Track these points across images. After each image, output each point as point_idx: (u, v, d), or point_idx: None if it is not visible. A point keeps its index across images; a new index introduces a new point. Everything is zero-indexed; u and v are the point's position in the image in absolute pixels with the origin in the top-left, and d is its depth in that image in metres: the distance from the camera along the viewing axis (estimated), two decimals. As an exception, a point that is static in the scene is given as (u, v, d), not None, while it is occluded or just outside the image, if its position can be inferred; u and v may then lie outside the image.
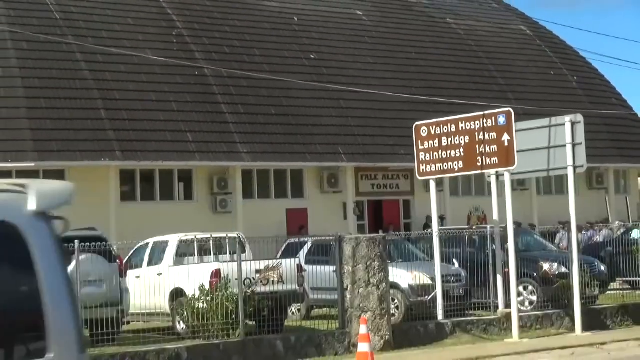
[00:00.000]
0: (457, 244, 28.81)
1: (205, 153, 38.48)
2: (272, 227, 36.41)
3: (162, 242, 26.91)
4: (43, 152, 35.43)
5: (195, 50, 40.64)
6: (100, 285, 22.56)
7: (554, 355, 23.14)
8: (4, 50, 35.91)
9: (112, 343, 22.01)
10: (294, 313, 26.54)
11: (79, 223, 28.48)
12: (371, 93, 41.79)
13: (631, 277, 31.04)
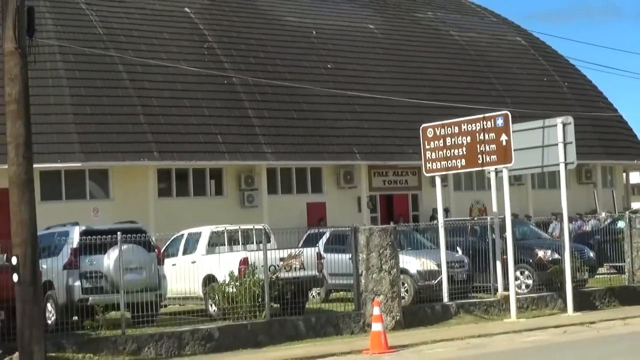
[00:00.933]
0: (460, 233, 28.78)
1: (234, 153, 38.57)
2: (294, 219, 36.52)
3: (195, 233, 26.97)
4: (88, 154, 35.57)
5: (225, 61, 40.72)
6: (140, 272, 22.63)
7: (548, 333, 23.12)
8: (53, 62, 36.03)
9: (152, 324, 22.10)
10: (314, 296, 26.57)
11: (122, 217, 28.88)
12: (382, 98, 41.78)
13: (617, 262, 31.00)
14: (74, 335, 20.97)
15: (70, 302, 22.14)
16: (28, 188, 19.19)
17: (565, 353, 19.64)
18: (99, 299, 22.12)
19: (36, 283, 19.06)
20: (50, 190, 34.34)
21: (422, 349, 21.00)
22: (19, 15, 19.11)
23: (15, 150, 19.13)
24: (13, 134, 19.20)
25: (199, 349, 21.35)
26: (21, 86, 19.18)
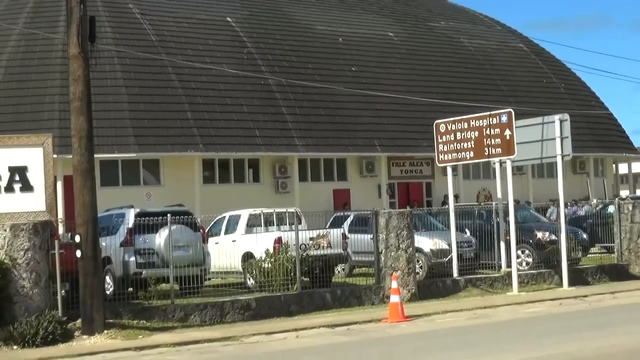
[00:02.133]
0: (468, 217, 28.77)
1: (269, 145, 38.64)
2: (321, 204, 36.60)
3: (235, 215, 27.03)
4: (142, 145, 35.74)
5: (261, 65, 40.76)
6: (187, 249, 22.69)
7: (545, 305, 23.07)
8: (111, 65, 36.17)
9: (197, 295, 22.17)
10: (339, 271, 26.58)
11: (171, 201, 28.98)
12: (400, 97, 41.74)
13: (607, 243, 30.94)
14: (129, 304, 21.08)
15: (126, 275, 22.28)
16: (89, 175, 19.32)
17: (561, 322, 19.57)
18: (151, 272, 22.23)
19: (97, 258, 19.19)
20: (109, 177, 34.55)
21: (434, 319, 21.02)
22: (82, 24, 19.22)
23: (79, 142, 19.26)
24: (77, 128, 19.33)
25: (238, 317, 21.41)
26: (83, 86, 19.29)
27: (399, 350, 16.43)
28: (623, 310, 21.31)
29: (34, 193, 19.34)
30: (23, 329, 18.05)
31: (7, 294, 18.55)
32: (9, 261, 18.60)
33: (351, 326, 20.08)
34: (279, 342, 18.40)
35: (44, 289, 18.91)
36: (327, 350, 16.91)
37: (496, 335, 18.09)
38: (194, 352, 17.41)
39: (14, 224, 18.86)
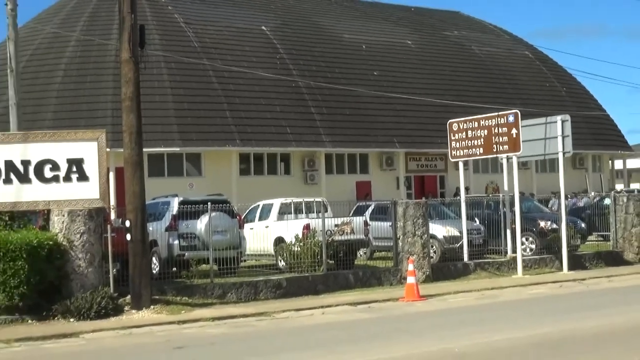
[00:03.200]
0: (477, 207, 28.69)
1: (299, 141, 38.69)
2: (346, 194, 36.59)
3: (268, 204, 27.05)
4: (185, 140, 35.88)
5: (292, 69, 40.78)
6: (225, 234, 22.75)
7: (547, 287, 22.97)
8: (158, 68, 36.31)
9: (233, 275, 22.23)
10: (361, 255, 26.52)
11: (211, 190, 29.06)
12: (416, 99, 41.74)
13: (603, 232, 30.75)
14: (173, 282, 21.16)
15: (171, 257, 22.40)
16: (139, 167, 19.38)
17: (561, 303, 19.50)
18: (192, 254, 22.30)
19: (144, 241, 19.26)
20: (156, 169, 34.70)
21: (446, 298, 20.96)
22: (133, 32, 19.27)
23: (129, 137, 19.32)
24: (127, 125, 19.38)
25: (270, 295, 21.44)
26: (134, 87, 19.34)
27: (415, 326, 16.41)
28: (618, 293, 21.19)
29: (89, 182, 19.41)
30: (79, 304, 18.16)
31: (64, 272, 18.66)
32: (66, 243, 18.70)
33: (372, 304, 20.07)
34: (306, 317, 18.43)
35: (97, 268, 19.01)
36: (350, 325, 16.91)
37: (503, 313, 18.03)
38: (230, 325, 17.46)
39: (71, 210, 18.96)
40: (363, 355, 12.83)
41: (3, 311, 17.91)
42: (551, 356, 12.23)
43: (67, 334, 16.54)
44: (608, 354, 12.32)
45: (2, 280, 17.80)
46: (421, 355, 12.68)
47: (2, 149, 19.23)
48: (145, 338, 16.09)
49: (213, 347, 14.84)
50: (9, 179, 19.08)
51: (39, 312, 18.20)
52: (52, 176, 19.26)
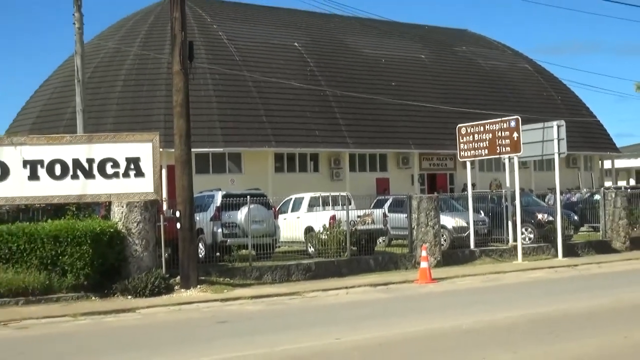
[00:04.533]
0: (482, 201, 28.63)
1: (326, 143, 38.71)
2: (367, 189, 36.53)
3: (300, 197, 27.09)
4: (228, 142, 36.00)
5: (321, 80, 40.77)
6: (262, 223, 22.80)
7: (544, 271, 22.86)
8: (204, 79, 36.44)
9: (269, 259, 22.29)
10: (380, 243, 26.50)
11: (249, 185, 29.16)
12: (429, 106, 41.62)
13: (594, 223, 30.56)
14: (217, 265, 21.26)
15: (215, 243, 22.48)
16: (187, 165, 19.49)
17: (557, 285, 19.39)
18: (234, 241, 22.38)
19: (192, 229, 19.37)
20: (202, 167, 34.82)
21: (455, 281, 20.91)
22: (183, 47, 19.36)
23: (179, 139, 19.42)
24: (178, 128, 19.49)
25: (301, 277, 21.49)
26: (183, 95, 19.44)
27: (427, 305, 16.39)
28: (606, 277, 21.05)
29: (145, 178, 19.53)
30: (135, 283, 18.29)
31: (123, 256, 18.81)
32: (125, 230, 18.85)
33: (389, 285, 20.08)
34: (332, 297, 18.46)
35: (151, 252, 19.14)
36: (371, 304, 16.92)
37: (505, 295, 17.96)
38: (266, 303, 17.52)
39: (129, 202, 19.10)
40: (382, 330, 12.83)
41: (70, 289, 18.09)
42: (547, 332, 12.17)
43: (125, 309, 16.70)
44: (598, 330, 12.24)
45: (70, 263, 17.98)
46: (433, 331, 12.66)
47: (70, 149, 19.41)
48: (193, 313, 16.19)
49: (251, 321, 14.91)
50: (76, 174, 19.25)
51: (101, 290, 18.37)
52: (113, 172, 19.41)
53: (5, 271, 17.56)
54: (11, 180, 18.98)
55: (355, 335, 12.36)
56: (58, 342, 13.28)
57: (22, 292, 17.38)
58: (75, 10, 23.65)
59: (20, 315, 15.93)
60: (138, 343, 12.80)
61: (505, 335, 12.09)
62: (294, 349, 11.29)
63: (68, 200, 19.39)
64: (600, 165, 52.45)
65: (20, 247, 17.85)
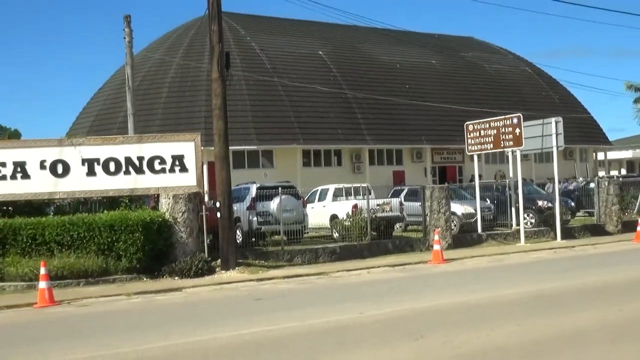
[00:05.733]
0: (488, 190, 28.46)
1: (348, 140, 38.71)
2: (385, 181, 36.51)
3: (325, 188, 27.13)
4: (261, 140, 36.11)
5: (343, 84, 40.72)
6: (292, 212, 22.88)
7: (544, 252, 22.69)
8: (239, 85, 36.50)
9: (299, 243, 22.37)
10: (397, 228, 26.49)
11: (280, 178, 29.23)
12: (440, 106, 41.42)
13: (589, 209, 30.30)
14: (253, 249, 21.36)
15: (250, 230, 22.60)
16: (226, 161, 19.57)
17: (556, 265, 19.23)
18: (267, 228, 22.49)
19: (231, 218, 19.47)
20: (238, 162, 34.97)
21: (464, 261, 20.82)
22: (221, 57, 19.43)
23: (218, 138, 19.50)
24: (217, 128, 19.57)
25: (327, 259, 21.54)
26: (221, 99, 19.52)
27: (439, 283, 16.35)
28: (601, 257, 20.83)
29: (188, 173, 19.66)
30: (181, 266, 18.43)
31: (170, 242, 18.96)
32: (172, 219, 18.98)
33: (405, 266, 20.04)
34: (355, 276, 18.47)
35: (195, 238, 19.27)
36: (389, 282, 16.90)
37: (509, 273, 17.85)
38: (297, 282, 17.57)
39: (175, 194, 19.23)
40: (400, 305, 12.82)
41: (124, 272, 18.26)
42: (548, 306, 12.10)
43: (172, 289, 16.83)
44: (594, 304, 12.15)
45: (124, 248, 18.15)
46: (444, 305, 12.63)
47: (123, 148, 19.57)
48: (232, 292, 16.28)
49: (284, 298, 14.96)
50: (128, 171, 19.42)
51: (151, 272, 18.53)
52: (160, 168, 19.56)
53: (68, 256, 17.78)
54: (72, 176, 19.20)
55: (376, 310, 12.36)
56: (115, 318, 13.42)
57: (82, 274, 17.59)
58: (126, 26, 23.85)
59: (82, 294, 16.12)
60: (185, 318, 12.90)
61: (509, 309, 12.04)
62: (322, 323, 11.33)
63: (121, 193, 19.57)
64: (594, 157, 51.96)
65: (80, 235, 18.05)
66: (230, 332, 10.80)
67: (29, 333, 12.06)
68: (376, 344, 9.61)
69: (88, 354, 9.72)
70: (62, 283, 17.09)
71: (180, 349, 9.81)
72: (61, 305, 14.94)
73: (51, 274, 16.09)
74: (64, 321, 13.18)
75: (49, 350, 10.09)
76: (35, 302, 14.93)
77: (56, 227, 18.03)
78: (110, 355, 9.61)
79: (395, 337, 10.05)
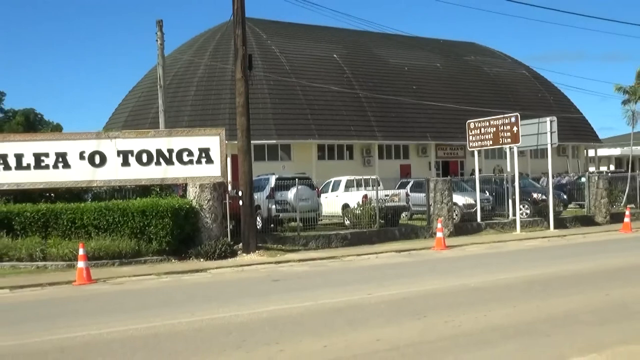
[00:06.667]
0: (487, 183, 28.39)
1: (359, 136, 38.60)
2: (392, 174, 36.46)
3: (338, 180, 27.12)
4: (280, 135, 36.11)
5: (355, 84, 40.61)
6: (308, 201, 22.91)
7: (538, 240, 22.58)
8: (261, 84, 36.53)
9: (313, 230, 22.39)
10: (404, 217, 26.46)
11: (297, 170, 29.22)
12: (443, 105, 41.19)
13: (580, 201, 30.16)
14: (271, 235, 21.41)
15: (269, 217, 22.64)
16: (248, 154, 19.61)
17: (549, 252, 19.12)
18: (285, 215, 22.53)
19: (252, 205, 19.52)
20: (259, 155, 34.96)
21: (465, 248, 20.76)
22: (244, 59, 19.43)
23: (241, 133, 19.53)
24: (240, 124, 19.59)
25: (339, 244, 21.55)
26: (244, 98, 19.53)
27: (442, 267, 16.31)
28: (590, 245, 20.72)
29: (213, 164, 19.73)
30: (207, 249, 18.52)
31: (197, 227, 19.05)
32: (198, 207, 19.07)
33: (411, 251, 20.02)
34: (365, 260, 18.47)
35: (219, 224, 19.34)
36: (396, 266, 16.89)
37: (506, 259, 17.78)
38: (311, 265, 17.59)
39: (201, 184, 19.31)
40: (405, 287, 12.81)
41: (155, 253, 18.38)
42: (541, 290, 12.05)
43: (198, 270, 16.91)
44: (583, 289, 12.08)
45: (155, 232, 18.25)
46: (446, 288, 12.61)
47: (154, 141, 19.65)
48: (252, 273, 16.33)
49: (300, 279, 15.00)
50: (159, 162, 19.53)
51: (179, 254, 18.63)
52: (188, 160, 19.64)
53: (104, 239, 17.91)
54: (108, 166, 19.32)
55: (383, 291, 12.37)
56: (146, 295, 13.51)
57: (116, 255, 17.72)
58: (158, 30, 23.90)
59: (116, 274, 16.24)
60: (210, 296, 12.96)
61: (506, 292, 12.00)
62: (333, 302, 11.35)
63: (153, 182, 19.68)
64: (586, 154, 51.58)
65: (115, 220, 18.18)
66: (250, 309, 10.84)
67: (68, 308, 12.17)
68: (383, 322, 9.62)
69: (122, 328, 9.80)
70: (99, 263, 17.22)
71: (205, 325, 9.87)
72: (97, 283, 15.06)
73: (89, 255, 16.22)
74: (100, 297, 13.28)
75: (86, 324, 10.18)
76: (74, 280, 15.06)
77: (93, 212, 18.17)
78: (143, 329, 9.68)
79: (400, 316, 10.06)
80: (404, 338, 8.63)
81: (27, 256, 17.45)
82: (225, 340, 8.80)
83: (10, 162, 19.00)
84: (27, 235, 18.05)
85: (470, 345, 8.23)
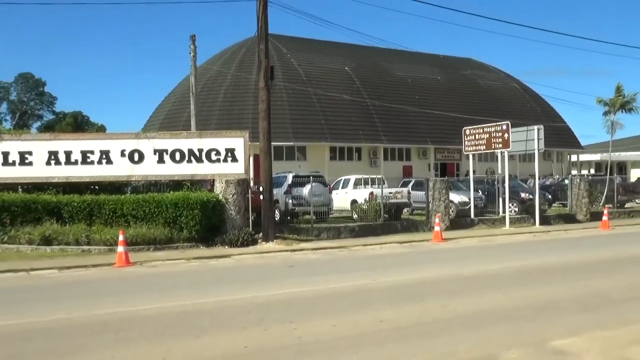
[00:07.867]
0: (480, 183, 28.26)
1: (367, 140, 38.50)
2: (396, 174, 36.36)
3: (347, 178, 27.09)
4: (297, 138, 36.09)
5: (364, 94, 40.50)
6: (320, 196, 22.92)
7: (525, 235, 22.41)
8: (280, 93, 36.50)
9: (325, 222, 22.35)
10: (405, 212, 26.38)
11: (312, 169, 29.16)
12: (443, 114, 41.01)
13: (563, 201, 29.96)
14: (288, 226, 21.41)
15: (286, 210, 22.66)
16: (268, 154, 19.63)
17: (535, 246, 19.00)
18: (300, 209, 22.54)
19: (271, 200, 19.55)
20: (278, 155, 34.95)
21: (459, 241, 20.66)
22: (266, 70, 19.45)
23: (263, 135, 19.55)
24: (262, 128, 19.62)
25: (347, 235, 21.53)
26: (266, 104, 19.55)
27: (439, 258, 16.25)
28: (572, 240, 20.55)
29: (238, 163, 19.77)
30: (231, 237, 18.57)
31: (222, 218, 19.11)
32: (224, 200, 19.13)
33: (411, 243, 19.95)
34: (370, 250, 18.43)
35: (242, 216, 19.39)
36: (398, 256, 16.86)
37: (496, 251, 17.69)
38: (323, 253, 17.58)
39: (227, 180, 19.36)
40: (406, 274, 12.78)
41: (185, 241, 18.46)
42: (528, 279, 11.98)
43: (223, 255, 16.96)
44: (565, 279, 12.01)
45: (185, 222, 18.34)
46: (443, 276, 12.57)
47: (186, 142, 19.73)
48: (271, 259, 16.35)
49: (312, 265, 15.00)
50: (190, 160, 19.60)
51: (206, 242, 18.70)
52: (216, 159, 19.70)
53: (141, 227, 18.01)
54: (145, 163, 19.42)
55: (386, 277, 12.35)
56: (177, 277, 13.57)
57: (152, 241, 17.81)
58: (191, 44, 23.97)
59: (151, 258, 16.33)
60: (233, 279, 13.01)
61: (496, 281, 11.94)
62: (341, 286, 11.35)
63: (184, 178, 19.76)
64: (569, 158, 51.17)
65: (151, 210, 18.28)
66: (268, 292, 10.87)
67: (109, 287, 12.25)
68: (386, 305, 9.61)
69: (156, 305, 9.86)
70: (136, 248, 17.34)
71: (229, 305, 9.90)
72: (134, 265, 15.15)
73: (127, 241, 16.31)
74: (137, 279, 13.37)
75: (125, 301, 10.25)
76: (114, 263, 15.17)
77: (132, 203, 18.28)
78: (174, 307, 9.73)
79: (401, 300, 10.05)
80: (404, 320, 8.63)
81: (73, 241, 17.59)
82: (246, 318, 8.84)
83: (60, 158, 19.16)
84: (74, 223, 18.18)
85: (464, 326, 8.22)
